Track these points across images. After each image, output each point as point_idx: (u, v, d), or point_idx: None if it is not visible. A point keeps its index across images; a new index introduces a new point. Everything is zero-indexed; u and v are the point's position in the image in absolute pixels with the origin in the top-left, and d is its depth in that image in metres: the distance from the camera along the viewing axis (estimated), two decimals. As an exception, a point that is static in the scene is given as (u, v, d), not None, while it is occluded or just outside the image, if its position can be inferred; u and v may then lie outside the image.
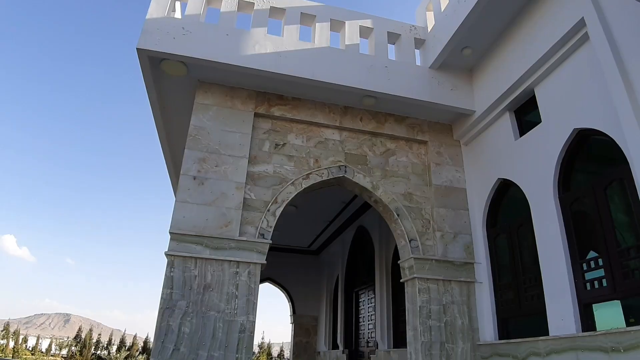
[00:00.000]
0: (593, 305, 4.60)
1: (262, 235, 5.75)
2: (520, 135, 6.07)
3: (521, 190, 5.79)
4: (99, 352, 26.66)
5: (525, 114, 6.21)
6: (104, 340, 28.57)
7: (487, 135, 6.76)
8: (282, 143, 6.47)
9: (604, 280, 4.47)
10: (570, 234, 4.95)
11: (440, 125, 7.31)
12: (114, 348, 27.27)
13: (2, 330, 27.31)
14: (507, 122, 6.32)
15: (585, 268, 4.73)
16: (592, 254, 4.73)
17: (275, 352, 27.46)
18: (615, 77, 4.27)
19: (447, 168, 7.03)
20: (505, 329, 5.90)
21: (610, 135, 4.47)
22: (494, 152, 6.51)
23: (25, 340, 28.26)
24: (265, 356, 24.47)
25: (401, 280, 6.55)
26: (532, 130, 5.76)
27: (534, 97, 5.84)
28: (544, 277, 5.12)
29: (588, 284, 4.65)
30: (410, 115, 7.15)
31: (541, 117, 5.61)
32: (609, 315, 4.48)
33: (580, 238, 4.89)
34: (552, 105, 5.46)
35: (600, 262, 4.54)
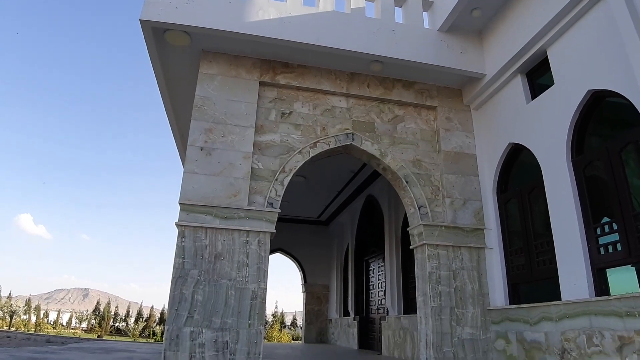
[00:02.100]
0: (607, 270, 4.56)
1: (271, 205, 5.76)
2: (532, 99, 5.93)
3: (533, 154, 5.70)
4: (117, 324, 27.46)
5: (537, 76, 6.05)
6: (122, 312, 29.34)
7: (498, 99, 6.62)
8: (288, 111, 6.40)
9: (618, 245, 4.41)
10: (583, 197, 4.88)
11: (449, 90, 7.16)
12: (132, 320, 28.04)
13: (24, 306, 28.17)
14: (519, 85, 6.17)
15: (599, 232, 4.67)
16: (606, 218, 4.67)
17: (288, 320, 28.10)
18: (632, 36, 4.11)
19: (457, 134, 6.92)
20: (516, 295, 5.92)
21: (627, 97, 4.33)
22: (505, 116, 6.38)
23: (46, 314, 29.15)
24: (278, 324, 25.05)
25: (410, 247, 6.57)
26: (544, 93, 5.62)
27: (546, 58, 5.67)
28: (556, 241, 5.08)
29: (602, 249, 4.60)
30: (418, 81, 7.00)
31: (554, 79, 5.46)
32: (624, 280, 4.42)
33: (593, 202, 4.82)
34: (565, 66, 5.29)
35: (615, 226, 4.48)
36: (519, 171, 6.35)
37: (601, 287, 4.53)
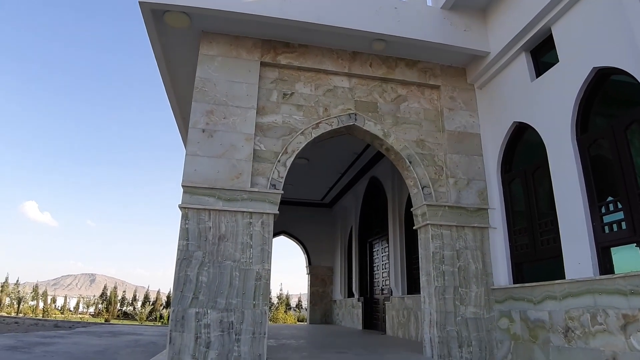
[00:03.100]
0: (611, 248, 4.54)
1: (274, 186, 5.75)
2: (537, 77, 5.85)
3: (537, 133, 5.64)
4: (124, 308, 27.79)
5: (542, 54, 5.95)
6: (129, 297, 29.63)
7: (502, 77, 6.53)
8: (290, 92, 6.34)
9: (623, 223, 4.38)
10: (588, 176, 4.84)
11: (453, 69, 7.06)
12: (139, 304, 28.34)
13: (31, 292, 28.52)
14: (523, 63, 6.08)
15: (603, 211, 4.65)
16: (611, 197, 4.63)
17: (293, 302, 28.41)
18: (638, 12, 4.04)
19: (461, 113, 6.85)
20: (520, 274, 5.93)
21: (632, 74, 4.26)
22: (510, 95, 6.30)
23: (54, 300, 29.48)
24: (284, 306, 25.33)
25: (414, 227, 6.56)
26: (549, 70, 5.54)
27: (550, 36, 5.57)
28: (561, 220, 5.06)
29: (606, 227, 4.58)
30: (421, 59, 6.90)
31: (558, 56, 5.37)
32: (628, 258, 4.41)
33: (598, 181, 4.79)
34: (570, 44, 5.21)
35: (619, 205, 4.45)
36: (523, 150, 6.30)
37: (605, 265, 4.53)
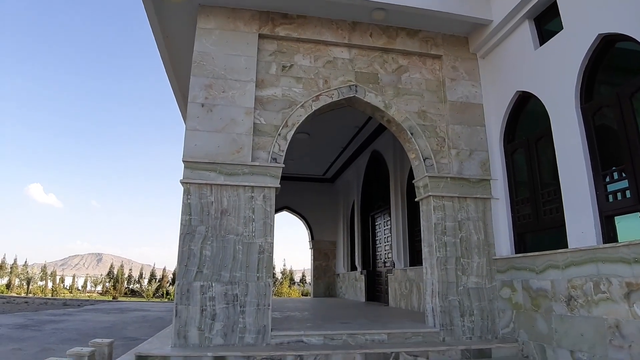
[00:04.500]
0: (615, 217, 4.52)
1: (275, 160, 5.72)
2: (541, 45, 5.72)
3: (541, 102, 5.56)
4: (131, 285, 28.25)
5: (546, 21, 5.81)
6: (135, 275, 30.09)
7: (505, 46, 6.40)
8: (289, 64, 6.24)
9: (627, 192, 4.35)
10: (592, 144, 4.79)
11: (455, 38, 6.91)
12: (145, 281, 28.79)
13: (40, 273, 28.95)
14: (527, 31, 5.95)
15: (607, 180, 4.61)
16: (615, 166, 4.60)
17: (297, 277, 28.80)
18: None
19: (463, 83, 6.75)
20: (522, 244, 5.94)
21: (638, 40, 4.15)
22: (513, 63, 6.19)
23: (62, 280, 29.97)
24: (287, 281, 25.68)
25: (416, 199, 6.56)
26: (552, 38, 5.42)
27: (555, 3, 5.42)
28: (564, 189, 5.04)
29: (610, 196, 4.55)
30: (423, 29, 6.75)
31: (563, 23, 5.24)
32: (632, 227, 4.39)
33: (602, 150, 4.74)
34: (574, 10, 5.07)
35: (624, 173, 4.41)
36: (526, 120, 6.23)
37: (609, 234, 4.52)
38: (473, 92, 6.75)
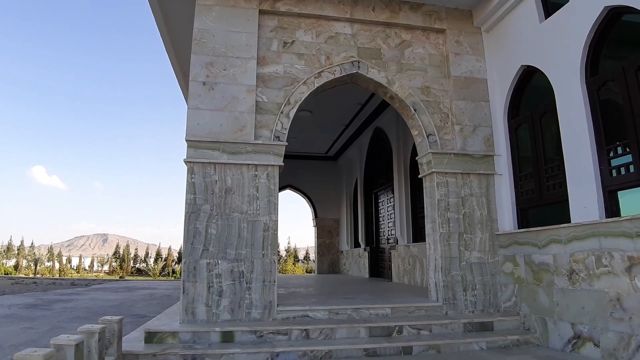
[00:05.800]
0: (618, 192, 4.52)
1: (277, 138, 5.71)
2: (546, 18, 5.61)
3: (545, 77, 5.49)
4: (137, 265, 28.61)
5: (551, -7, 5.69)
6: (141, 254, 30.44)
7: (510, 19, 6.28)
8: (290, 41, 6.16)
9: (631, 167, 4.34)
10: (596, 119, 4.75)
11: (459, 12, 6.79)
12: (151, 260, 29.14)
13: (47, 254, 29.32)
14: (532, 4, 5.83)
15: (611, 155, 4.59)
16: (619, 141, 4.57)
17: (301, 255, 29.10)
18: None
19: (467, 58, 6.65)
20: (525, 219, 5.96)
21: (646, 12, 4.08)
22: (517, 37, 6.09)
23: (69, 260, 30.38)
24: (292, 258, 25.96)
25: (419, 176, 6.56)
26: (558, 11, 5.31)
27: (561, -27, 5.30)
28: (568, 164, 5.02)
29: (614, 171, 4.54)
30: (426, 2, 6.62)
31: (568, -5, 5.14)
32: (636, 201, 4.39)
33: (607, 125, 4.69)
34: (581, -19, 4.95)
35: (628, 148, 4.38)
36: (530, 95, 6.17)
37: (612, 209, 4.53)
38: (477, 66, 6.66)
